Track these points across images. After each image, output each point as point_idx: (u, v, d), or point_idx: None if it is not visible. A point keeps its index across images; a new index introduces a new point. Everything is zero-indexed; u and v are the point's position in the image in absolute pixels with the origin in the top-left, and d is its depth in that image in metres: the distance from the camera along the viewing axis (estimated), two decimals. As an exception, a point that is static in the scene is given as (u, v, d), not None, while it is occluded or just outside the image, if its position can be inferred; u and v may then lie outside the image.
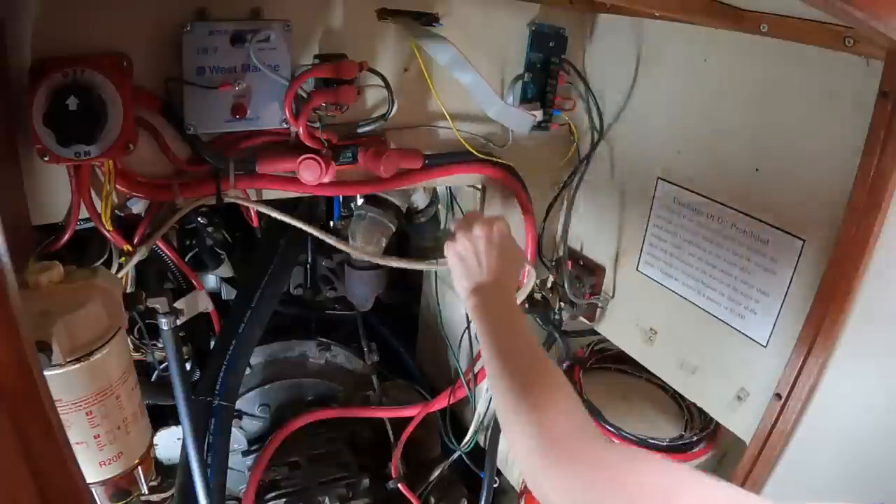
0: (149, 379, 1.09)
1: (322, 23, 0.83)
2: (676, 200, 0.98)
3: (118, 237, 0.77)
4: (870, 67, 0.70)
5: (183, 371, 0.87)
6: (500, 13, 0.97)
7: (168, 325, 0.84)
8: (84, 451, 0.67)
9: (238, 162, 0.81)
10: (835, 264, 0.74)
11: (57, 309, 0.61)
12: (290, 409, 1.22)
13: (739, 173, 0.88)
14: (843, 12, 0.51)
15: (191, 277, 0.95)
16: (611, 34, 1.06)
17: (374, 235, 1.16)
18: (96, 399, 0.65)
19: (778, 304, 0.85)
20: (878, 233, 0.70)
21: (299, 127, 0.79)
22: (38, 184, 0.71)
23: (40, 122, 0.63)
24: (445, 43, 0.83)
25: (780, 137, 0.83)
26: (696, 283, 0.97)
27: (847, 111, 0.73)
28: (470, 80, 0.85)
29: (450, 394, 1.20)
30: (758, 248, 0.87)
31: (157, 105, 0.74)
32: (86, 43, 0.67)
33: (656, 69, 1.00)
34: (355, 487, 1.16)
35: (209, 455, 0.95)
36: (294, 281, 1.28)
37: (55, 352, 0.58)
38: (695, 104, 0.94)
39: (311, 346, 1.28)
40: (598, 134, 1.07)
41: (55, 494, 0.33)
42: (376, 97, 0.90)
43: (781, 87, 0.82)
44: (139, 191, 0.76)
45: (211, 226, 1.07)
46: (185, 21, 0.72)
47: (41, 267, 0.65)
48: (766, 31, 0.79)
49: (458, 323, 1.25)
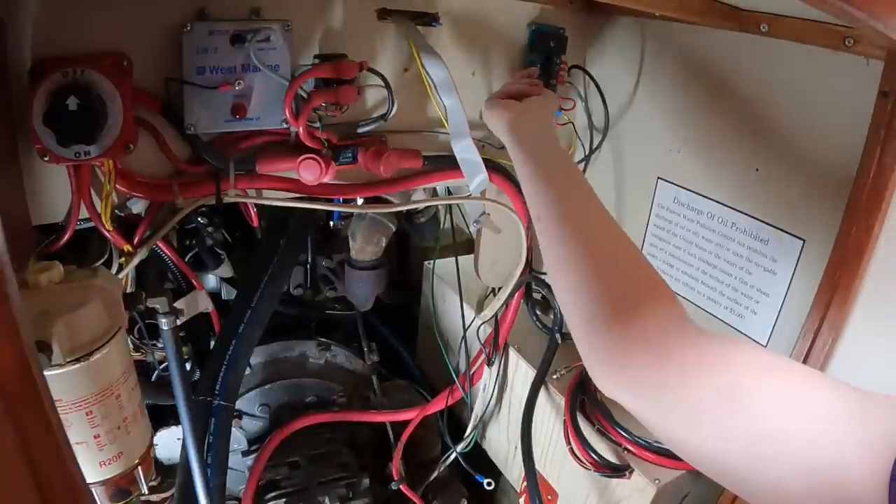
0: (149, 379, 1.09)
1: (322, 23, 0.83)
2: (676, 200, 0.98)
3: (118, 237, 0.77)
4: (870, 67, 0.70)
5: (183, 371, 0.87)
6: (500, 13, 0.97)
7: (168, 325, 0.84)
8: (84, 451, 0.67)
9: (238, 162, 0.81)
10: (835, 264, 0.74)
11: (57, 309, 0.61)
12: (290, 409, 1.22)
13: (739, 173, 0.88)
14: (843, 12, 0.51)
15: (191, 277, 0.95)
16: (611, 34, 1.06)
17: (374, 235, 1.16)
18: (96, 399, 0.65)
19: (778, 304, 0.85)
20: (878, 233, 0.70)
21: (299, 127, 0.79)
22: (38, 184, 0.71)
23: (40, 122, 0.63)
24: (439, 61, 0.83)
25: (780, 137, 0.83)
26: (696, 283, 0.97)
27: (847, 111, 0.73)
28: (450, 105, 0.84)
29: (447, 395, 1.20)
30: (758, 248, 0.87)
31: (157, 105, 0.74)
32: (86, 43, 0.67)
33: (656, 69, 1.00)
34: (355, 487, 1.16)
35: (209, 455, 0.95)
36: (294, 281, 1.28)
37: (55, 352, 0.58)
38: (695, 104, 0.94)
39: (311, 346, 1.28)
40: (598, 134, 1.07)
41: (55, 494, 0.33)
42: (376, 97, 0.90)
43: (781, 87, 0.82)
44: (139, 191, 0.76)
45: (211, 226, 1.07)
46: (185, 21, 0.72)
47: (41, 267, 0.65)
48: (766, 31, 0.79)
49: (456, 323, 1.25)
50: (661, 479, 0.84)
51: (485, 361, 1.14)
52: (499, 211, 1.06)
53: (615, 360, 0.48)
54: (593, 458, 0.89)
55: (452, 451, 1.20)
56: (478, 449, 1.25)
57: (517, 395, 1.11)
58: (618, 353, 0.48)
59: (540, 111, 0.78)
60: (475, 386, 1.19)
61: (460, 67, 0.95)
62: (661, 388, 0.45)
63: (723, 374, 0.43)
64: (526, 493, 1.00)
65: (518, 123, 0.74)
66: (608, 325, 0.49)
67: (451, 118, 0.86)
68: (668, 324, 0.48)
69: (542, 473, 1.04)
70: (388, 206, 1.01)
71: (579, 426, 0.93)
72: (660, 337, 0.47)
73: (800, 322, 0.79)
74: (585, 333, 0.51)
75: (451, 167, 0.94)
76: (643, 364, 0.47)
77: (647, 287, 0.52)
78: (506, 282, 1.14)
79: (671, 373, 0.45)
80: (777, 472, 0.38)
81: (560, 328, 1.03)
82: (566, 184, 0.63)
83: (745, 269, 0.89)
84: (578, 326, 0.52)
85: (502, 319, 1.12)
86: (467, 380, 1.18)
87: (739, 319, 0.91)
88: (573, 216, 0.58)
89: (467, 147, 0.87)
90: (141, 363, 1.06)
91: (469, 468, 1.22)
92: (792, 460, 0.37)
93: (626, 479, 0.87)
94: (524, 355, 1.09)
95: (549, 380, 1.03)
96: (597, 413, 0.93)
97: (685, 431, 0.44)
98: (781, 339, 0.84)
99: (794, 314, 0.82)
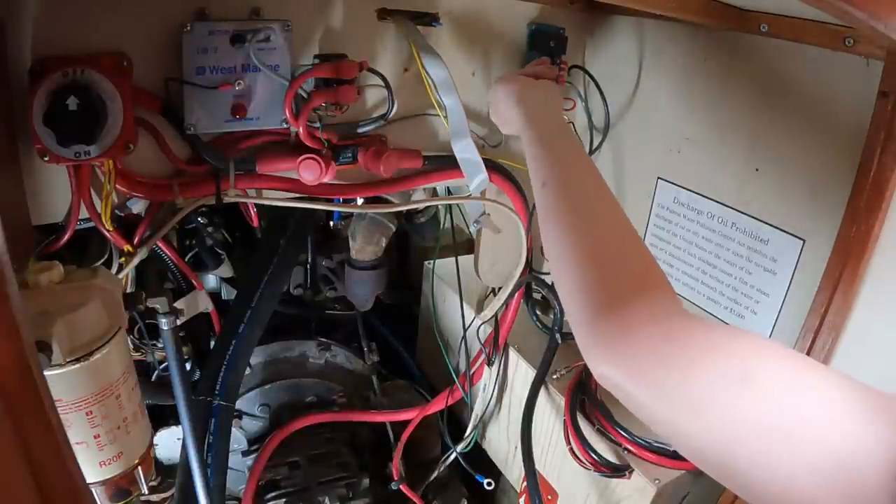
0: (149, 379, 1.09)
1: (322, 23, 0.83)
2: (676, 200, 0.98)
3: (118, 237, 0.77)
4: (870, 67, 0.70)
5: (183, 371, 0.87)
6: (500, 13, 0.97)
7: (168, 325, 0.84)
8: (84, 451, 0.67)
9: (238, 162, 0.81)
10: (835, 264, 0.74)
11: (57, 309, 0.61)
12: (290, 409, 1.22)
13: (739, 173, 0.88)
14: (843, 12, 0.51)
15: (191, 277, 0.95)
16: (611, 34, 1.06)
17: (374, 235, 1.16)
18: (96, 399, 0.65)
19: (778, 305, 0.85)
20: (878, 233, 0.70)
21: (299, 127, 0.79)
22: (38, 184, 0.71)
23: (40, 122, 0.63)
24: (439, 61, 0.83)
25: (780, 137, 0.83)
26: (696, 283, 0.97)
27: (847, 111, 0.73)
28: (450, 105, 0.85)
29: (447, 396, 1.20)
30: (758, 248, 0.87)
31: (157, 105, 0.74)
32: (86, 43, 0.67)
33: (656, 69, 1.00)
34: (355, 487, 1.16)
35: (209, 455, 0.95)
36: (294, 281, 1.28)
37: (55, 352, 0.58)
38: (695, 104, 0.94)
39: (311, 346, 1.28)
40: (598, 134, 1.07)
41: (55, 494, 0.33)
42: (376, 97, 0.90)
43: (781, 87, 0.82)
44: (139, 191, 0.76)
45: (211, 226, 1.07)
46: (185, 21, 0.72)
47: (41, 267, 0.65)
48: (766, 31, 0.79)
49: (456, 323, 1.25)
50: (661, 479, 0.84)
51: (485, 361, 1.14)
52: (499, 211, 1.06)
53: (618, 344, 0.45)
54: (593, 458, 0.89)
55: (452, 451, 1.20)
56: (478, 449, 1.25)
57: (517, 395, 1.11)
58: (622, 336, 0.45)
59: (550, 90, 0.78)
60: (475, 386, 1.19)
61: (460, 67, 0.95)
62: (668, 371, 0.42)
63: (732, 357, 0.41)
64: (526, 493, 1.00)
65: (525, 95, 0.74)
66: (610, 306, 0.47)
67: (451, 118, 0.86)
68: (671, 307, 0.47)
69: (542, 473, 1.04)
70: (388, 206, 1.01)
71: (579, 426, 0.93)
72: (664, 319, 0.45)
73: (800, 322, 0.79)
74: (587, 317, 0.48)
75: (451, 167, 0.94)
76: (648, 346, 0.44)
77: (652, 269, 0.50)
78: (506, 282, 1.14)
79: (677, 355, 0.42)
80: (787, 462, 0.35)
81: (560, 328, 1.03)
82: (568, 155, 0.62)
83: (745, 269, 0.89)
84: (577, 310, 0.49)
85: (502, 319, 1.12)
86: (467, 380, 1.18)
87: (739, 319, 0.91)
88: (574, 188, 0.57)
89: (467, 147, 0.87)
90: (141, 363, 1.06)
91: (469, 468, 1.22)
92: (804, 448, 0.35)
93: (626, 479, 0.87)
94: (524, 355, 1.09)
95: (549, 380, 1.03)
96: (597, 413, 0.93)
97: (690, 419, 0.41)
98: (781, 339, 0.84)
99: (794, 314, 0.82)
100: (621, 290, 0.48)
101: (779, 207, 0.84)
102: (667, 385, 0.42)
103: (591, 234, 0.52)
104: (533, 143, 0.65)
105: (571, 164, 0.61)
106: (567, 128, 0.70)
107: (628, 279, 0.49)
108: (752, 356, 0.41)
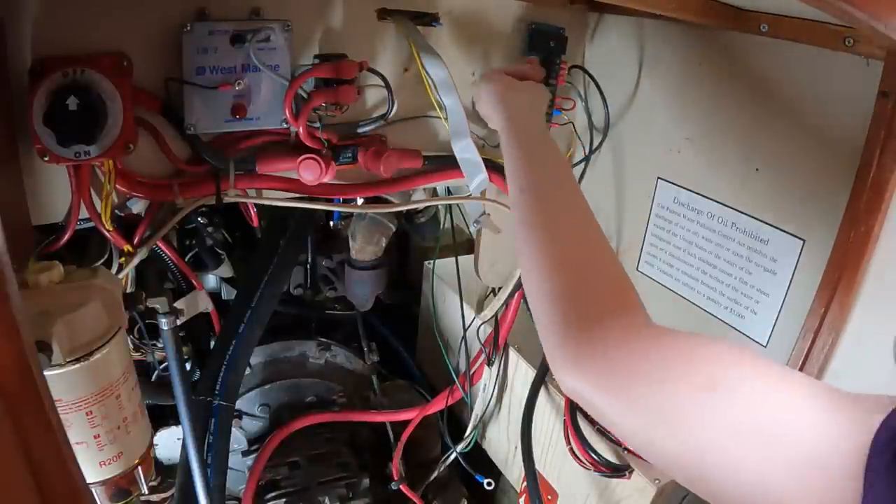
0: (149, 379, 1.09)
1: (322, 23, 0.83)
2: (676, 200, 0.98)
3: (118, 237, 0.77)
4: (870, 67, 0.70)
5: (183, 371, 0.87)
6: (500, 13, 0.97)
7: (168, 325, 0.84)
8: (84, 451, 0.67)
9: (238, 162, 0.81)
10: (835, 264, 0.74)
11: (57, 309, 0.61)
12: (290, 409, 1.22)
13: (739, 173, 0.88)
14: (843, 12, 0.51)
15: (191, 277, 0.95)
16: (611, 34, 1.06)
17: (374, 235, 1.16)
18: (96, 399, 0.65)
19: (778, 304, 0.85)
20: (878, 233, 0.70)
21: (299, 127, 0.79)
22: (38, 184, 0.71)
23: (40, 122, 0.63)
24: (439, 61, 0.83)
25: (780, 137, 0.83)
26: (696, 283, 0.97)
27: (847, 111, 0.73)
28: (450, 105, 0.85)
29: (447, 396, 1.20)
30: (758, 248, 0.87)
31: (157, 105, 0.74)
32: (86, 43, 0.67)
33: (656, 69, 1.00)
34: (355, 487, 1.16)
35: (209, 455, 0.95)
36: (294, 281, 1.28)
37: (55, 352, 0.58)
38: (695, 104, 0.94)
39: (311, 346, 1.28)
40: (598, 134, 1.08)
41: (55, 494, 0.33)
42: (376, 97, 0.90)
43: (781, 87, 0.82)
44: (139, 191, 0.76)
45: (211, 226, 1.07)
46: (185, 21, 0.72)
47: (41, 267, 0.65)
48: (765, 31, 0.79)
49: (456, 323, 1.25)
50: (661, 479, 0.84)
51: (485, 361, 1.14)
52: (499, 211, 1.06)
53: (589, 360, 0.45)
54: (593, 458, 0.89)
55: (452, 451, 1.20)
56: (478, 449, 1.25)
57: (517, 395, 1.11)
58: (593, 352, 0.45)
59: (534, 92, 0.77)
60: (475, 386, 1.19)
61: (460, 67, 0.95)
62: (639, 386, 0.42)
63: (702, 365, 0.42)
64: (526, 493, 1.00)
65: (507, 98, 0.73)
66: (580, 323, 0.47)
67: (451, 118, 0.86)
68: (640, 321, 0.47)
69: (542, 473, 1.04)
70: (388, 206, 1.01)
71: (579, 426, 0.93)
72: (634, 334, 0.45)
73: (800, 322, 0.79)
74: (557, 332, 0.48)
75: (451, 167, 0.94)
76: (618, 362, 0.44)
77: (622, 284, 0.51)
78: (506, 282, 1.14)
79: (648, 370, 0.43)
80: (763, 465, 0.36)
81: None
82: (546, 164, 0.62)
83: (745, 269, 0.89)
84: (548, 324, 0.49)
85: (502, 319, 1.12)
86: (467, 380, 1.18)
87: (739, 319, 0.91)
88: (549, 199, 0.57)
89: (467, 147, 0.87)
90: (141, 363, 1.06)
91: (469, 468, 1.22)
92: (776, 449, 0.36)
93: (625, 479, 0.87)
94: (524, 355, 1.09)
95: (549, 380, 1.03)
96: (597, 413, 0.93)
97: (665, 432, 0.41)
98: (781, 339, 0.84)
99: (794, 314, 0.82)
100: (592, 306, 0.48)
101: (779, 207, 0.84)
102: (640, 400, 0.43)
103: (563, 248, 0.53)
104: (511, 147, 0.65)
105: (548, 173, 0.61)
106: (547, 134, 0.70)
107: (599, 296, 0.49)
108: (721, 363, 0.41)
